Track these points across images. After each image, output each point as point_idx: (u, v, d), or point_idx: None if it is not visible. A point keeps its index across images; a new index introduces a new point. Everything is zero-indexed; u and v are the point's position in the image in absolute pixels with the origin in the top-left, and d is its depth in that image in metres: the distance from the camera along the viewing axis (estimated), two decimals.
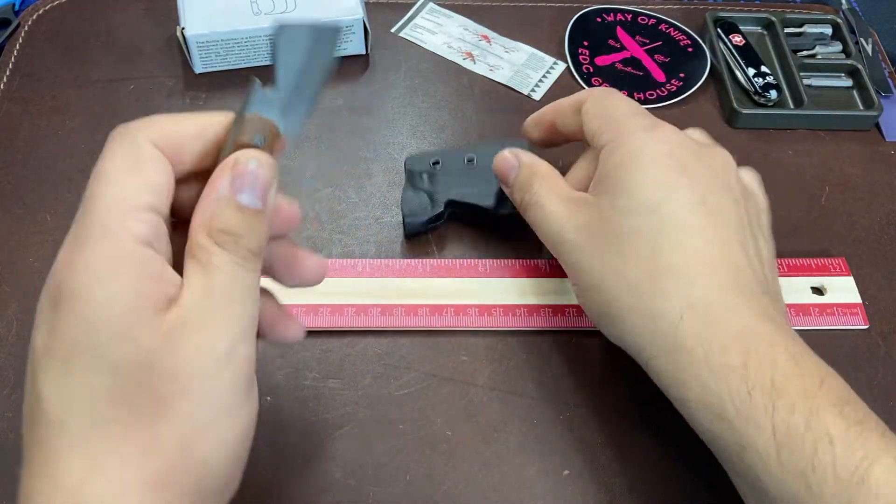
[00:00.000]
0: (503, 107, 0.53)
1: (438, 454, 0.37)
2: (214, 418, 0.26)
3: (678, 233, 0.33)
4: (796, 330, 0.33)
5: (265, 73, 0.28)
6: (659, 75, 0.55)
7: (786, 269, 0.44)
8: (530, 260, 0.44)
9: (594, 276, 0.35)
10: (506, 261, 0.44)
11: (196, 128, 0.28)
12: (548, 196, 0.38)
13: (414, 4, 0.59)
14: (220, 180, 0.27)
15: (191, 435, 0.25)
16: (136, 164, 0.26)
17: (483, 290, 0.42)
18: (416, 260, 0.44)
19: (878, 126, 0.53)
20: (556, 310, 0.42)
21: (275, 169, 0.28)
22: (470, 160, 0.45)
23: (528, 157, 0.40)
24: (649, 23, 0.58)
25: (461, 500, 0.36)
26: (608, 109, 0.38)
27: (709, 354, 0.31)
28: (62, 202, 0.46)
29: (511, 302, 0.42)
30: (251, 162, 0.27)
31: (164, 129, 0.27)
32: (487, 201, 0.43)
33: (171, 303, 0.25)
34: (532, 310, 0.42)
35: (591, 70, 0.55)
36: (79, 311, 0.24)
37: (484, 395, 0.39)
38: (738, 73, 0.54)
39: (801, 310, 0.43)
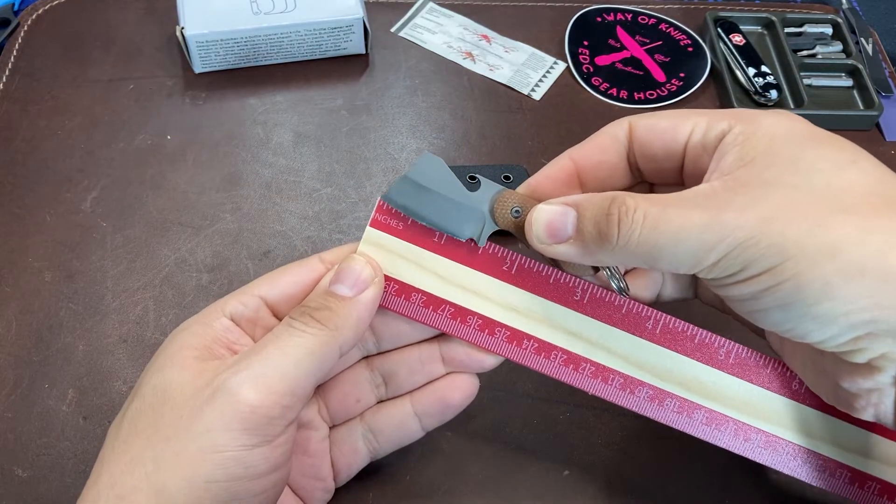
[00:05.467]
0: (503, 107, 0.53)
1: (438, 454, 0.37)
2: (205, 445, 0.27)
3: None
4: None
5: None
6: (659, 75, 0.55)
7: None
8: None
9: (826, 239, 0.26)
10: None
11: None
12: (658, 203, 0.27)
13: (414, 4, 0.59)
14: (325, 277, 0.31)
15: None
16: (281, 271, 0.32)
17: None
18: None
19: (878, 126, 0.53)
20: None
21: (376, 274, 0.31)
22: (472, 178, 0.45)
23: (582, 195, 0.29)
24: (649, 22, 0.58)
25: (461, 499, 0.36)
26: (679, 116, 0.30)
27: None
28: (62, 202, 0.46)
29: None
30: (357, 262, 0.30)
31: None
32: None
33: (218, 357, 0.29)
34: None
35: (591, 70, 0.55)
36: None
37: (484, 395, 0.39)
38: (739, 73, 0.54)
39: None
